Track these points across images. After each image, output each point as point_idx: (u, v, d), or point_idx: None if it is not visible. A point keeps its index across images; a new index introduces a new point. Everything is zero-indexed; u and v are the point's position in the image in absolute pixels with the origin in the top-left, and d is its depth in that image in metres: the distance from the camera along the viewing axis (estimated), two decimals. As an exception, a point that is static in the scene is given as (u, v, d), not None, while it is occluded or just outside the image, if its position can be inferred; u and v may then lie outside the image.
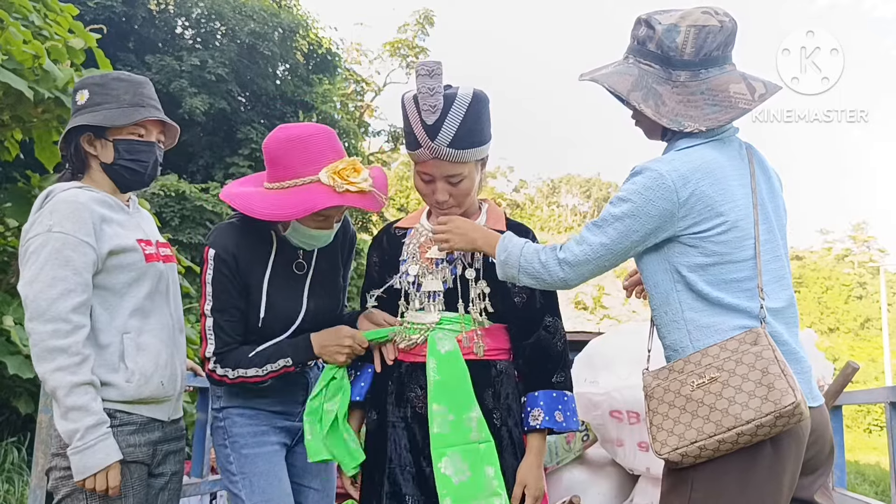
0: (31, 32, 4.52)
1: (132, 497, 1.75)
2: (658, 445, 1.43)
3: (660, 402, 1.47)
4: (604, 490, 2.88)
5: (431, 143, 1.68)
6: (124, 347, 1.76)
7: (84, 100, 1.83)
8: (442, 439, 1.67)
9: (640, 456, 2.69)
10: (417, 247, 1.85)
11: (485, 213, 1.89)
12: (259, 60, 13.61)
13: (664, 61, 1.54)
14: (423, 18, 20.28)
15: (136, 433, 1.77)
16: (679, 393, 1.44)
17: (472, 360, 1.74)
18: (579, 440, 2.90)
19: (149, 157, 1.87)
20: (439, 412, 1.69)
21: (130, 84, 1.86)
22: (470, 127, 1.69)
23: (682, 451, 1.40)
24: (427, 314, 1.79)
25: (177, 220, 11.55)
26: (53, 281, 1.67)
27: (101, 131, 1.82)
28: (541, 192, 53.12)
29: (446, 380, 1.70)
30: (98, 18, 11.25)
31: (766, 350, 1.40)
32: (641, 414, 2.64)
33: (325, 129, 1.83)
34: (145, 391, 1.78)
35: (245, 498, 1.88)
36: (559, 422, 1.73)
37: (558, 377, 1.77)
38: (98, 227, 1.74)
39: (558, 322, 1.82)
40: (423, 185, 1.77)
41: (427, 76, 1.66)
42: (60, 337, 1.65)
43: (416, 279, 1.81)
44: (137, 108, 1.83)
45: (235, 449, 1.92)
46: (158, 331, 1.84)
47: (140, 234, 1.87)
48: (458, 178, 1.73)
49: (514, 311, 1.79)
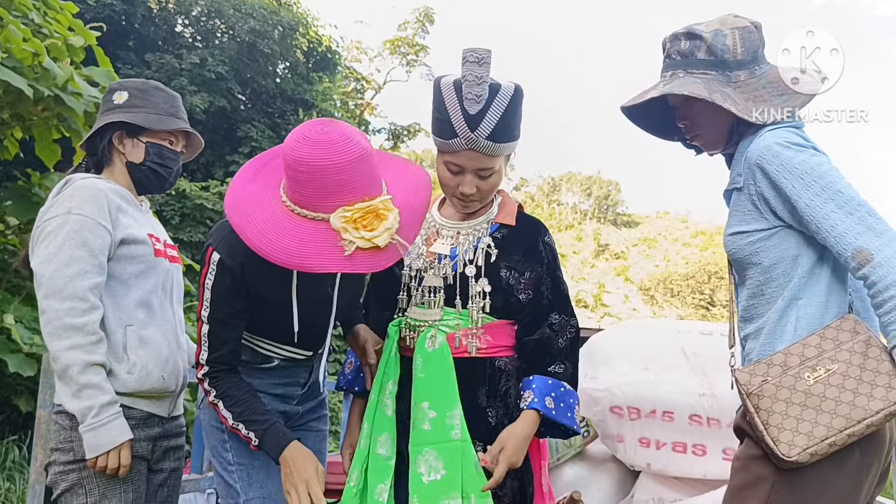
0: (31, 30, 4.52)
1: (132, 491, 1.76)
2: (785, 447, 1.35)
3: (773, 400, 1.38)
4: (604, 486, 2.88)
5: (471, 133, 1.64)
6: (127, 339, 1.77)
7: (123, 100, 1.90)
8: (420, 437, 1.66)
9: (641, 452, 2.69)
10: (424, 240, 1.81)
11: (497, 206, 1.85)
12: (259, 58, 13.60)
13: (720, 66, 1.55)
14: (423, 16, 20.24)
15: (136, 428, 1.78)
16: (795, 388, 1.37)
17: (463, 358, 1.72)
18: (580, 436, 2.90)
19: (174, 164, 1.95)
20: (422, 409, 1.67)
21: (168, 95, 1.97)
22: (509, 121, 1.67)
23: (812, 451, 1.33)
24: (429, 311, 1.75)
25: (177, 218, 11.57)
26: (71, 260, 1.70)
27: (135, 131, 1.89)
28: (541, 190, 53.08)
29: (430, 378, 1.68)
30: (98, 17, 11.23)
31: (871, 337, 1.37)
32: (642, 410, 2.65)
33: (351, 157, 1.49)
34: (146, 384, 1.79)
35: (241, 490, 1.73)
36: (549, 407, 1.65)
37: (556, 367, 1.71)
38: (114, 214, 1.79)
39: (567, 320, 1.77)
40: (450, 175, 1.72)
41: (476, 63, 1.62)
42: (76, 315, 1.67)
43: (419, 273, 1.78)
44: (173, 118, 1.93)
45: (233, 435, 1.74)
46: (162, 326, 1.86)
47: (151, 230, 1.92)
48: (489, 171, 1.71)
49: (521, 308, 1.76)
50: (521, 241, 1.80)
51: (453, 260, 1.77)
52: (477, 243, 1.78)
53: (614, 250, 43.95)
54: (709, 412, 2.59)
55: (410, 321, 1.77)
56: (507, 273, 1.76)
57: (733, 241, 1.54)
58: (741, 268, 1.55)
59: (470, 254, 1.76)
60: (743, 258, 1.53)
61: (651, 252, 43.42)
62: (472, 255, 1.76)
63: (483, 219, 1.82)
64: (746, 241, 1.51)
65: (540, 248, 1.80)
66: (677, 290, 35.30)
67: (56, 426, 1.77)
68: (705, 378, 2.64)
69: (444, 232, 1.81)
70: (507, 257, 1.77)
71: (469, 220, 1.83)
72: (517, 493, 1.74)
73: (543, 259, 1.80)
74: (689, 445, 2.65)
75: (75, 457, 1.72)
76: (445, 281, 1.75)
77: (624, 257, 43.05)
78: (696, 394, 2.61)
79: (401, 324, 1.78)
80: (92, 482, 1.72)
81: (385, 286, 1.85)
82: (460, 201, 1.76)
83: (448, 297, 1.75)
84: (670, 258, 41.00)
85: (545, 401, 1.67)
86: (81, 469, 1.72)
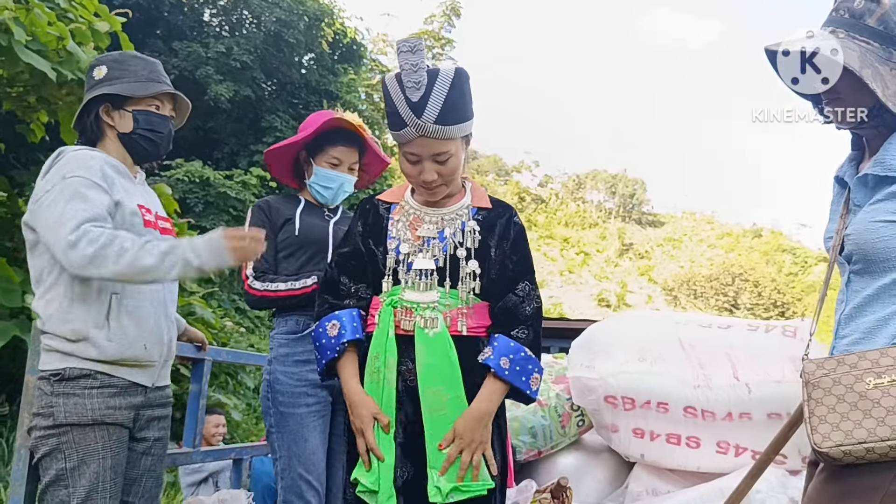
0: (56, 14, 4.61)
1: (110, 458, 1.79)
2: (819, 437, 1.33)
3: (826, 393, 1.36)
4: (599, 476, 2.88)
5: (417, 119, 1.68)
6: (111, 306, 1.81)
7: (102, 74, 1.94)
8: (441, 420, 1.69)
9: (635, 442, 2.69)
10: (407, 224, 1.84)
11: (469, 193, 1.89)
12: (284, 48, 13.70)
13: (886, 39, 1.42)
14: (449, 10, 20.22)
15: (118, 396, 1.81)
16: (852, 388, 1.34)
17: (457, 337, 1.75)
18: (574, 425, 2.90)
19: (164, 128, 1.99)
20: (436, 392, 1.71)
21: (146, 62, 2.00)
22: (454, 102, 1.70)
23: (845, 449, 1.31)
24: (425, 293, 1.78)
25: (201, 206, 11.71)
26: (74, 212, 1.73)
27: (120, 102, 1.93)
28: (566, 188, 52.74)
29: (437, 362, 1.72)
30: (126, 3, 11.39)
31: None
32: (637, 400, 2.65)
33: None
34: (127, 352, 1.82)
35: (276, 449, 2.21)
36: (502, 367, 1.69)
37: (520, 333, 1.74)
38: (109, 178, 1.83)
39: (533, 288, 1.82)
40: (410, 166, 1.77)
41: (409, 52, 1.67)
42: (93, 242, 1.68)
43: (407, 257, 1.81)
44: (154, 83, 1.96)
45: (275, 403, 2.23)
46: (148, 296, 1.89)
47: (142, 201, 1.94)
48: (446, 155, 1.74)
49: (492, 283, 1.80)
50: (499, 222, 1.86)
51: (442, 242, 1.81)
52: (463, 226, 1.82)
53: (638, 250, 43.57)
54: (703, 404, 2.59)
55: (405, 303, 1.79)
56: (495, 253, 1.82)
57: (882, 228, 1.42)
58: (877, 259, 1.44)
59: (459, 236, 1.81)
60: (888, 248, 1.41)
61: (676, 252, 42.99)
62: (462, 237, 1.81)
63: (461, 204, 1.87)
64: None
65: (510, 226, 1.86)
66: (701, 291, 34.94)
67: (38, 392, 1.80)
68: (701, 370, 2.63)
69: (427, 217, 1.85)
70: (492, 237, 1.83)
71: (449, 206, 1.86)
72: (501, 467, 1.79)
73: (510, 235, 1.85)
74: (683, 437, 2.64)
75: (55, 422, 1.75)
76: (436, 262, 1.78)
77: (648, 257, 42.67)
78: (692, 385, 2.61)
79: (395, 304, 1.79)
80: (71, 447, 1.75)
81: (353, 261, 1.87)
82: (426, 190, 1.79)
83: (439, 278, 1.78)
84: (695, 259, 40.56)
85: (501, 361, 1.70)
86: (61, 434, 1.75)
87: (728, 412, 2.58)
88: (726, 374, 2.62)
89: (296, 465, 2.20)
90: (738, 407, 2.57)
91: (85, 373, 1.78)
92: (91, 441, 1.76)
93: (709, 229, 46.78)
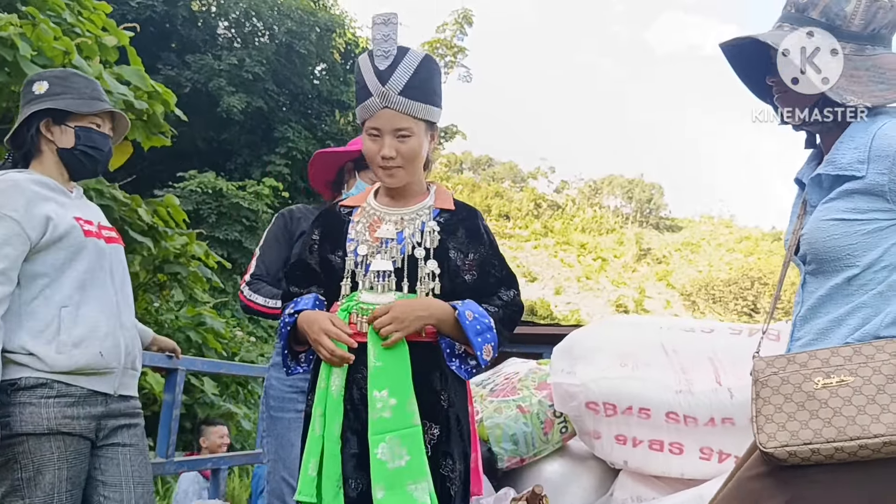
0: (63, 29, 4.70)
1: (66, 469, 1.79)
2: (764, 437, 1.33)
3: (774, 392, 1.35)
4: (584, 484, 2.86)
5: (382, 87, 1.71)
6: (62, 319, 1.82)
7: (44, 90, 1.96)
8: (382, 424, 1.67)
9: (618, 449, 2.68)
10: (367, 226, 1.84)
11: (433, 194, 1.89)
12: (296, 59, 13.83)
13: (828, 31, 1.46)
14: (461, 18, 20.28)
15: (75, 405, 1.82)
16: (800, 388, 1.33)
17: (417, 342, 1.73)
18: (557, 431, 2.89)
19: (104, 145, 2.02)
20: (380, 398, 1.68)
21: (88, 81, 2.04)
22: (422, 79, 1.73)
23: (790, 450, 1.30)
24: (382, 295, 1.76)
25: (213, 216, 11.84)
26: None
27: (62, 117, 1.95)
28: (582, 193, 52.55)
29: (387, 365, 1.70)
30: (139, 18, 11.60)
31: None
32: (619, 406, 2.64)
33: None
34: (81, 360, 1.83)
35: (266, 452, 2.35)
36: (465, 316, 1.70)
37: (491, 306, 1.78)
38: (32, 203, 1.83)
39: (514, 295, 1.83)
40: (371, 143, 1.77)
41: (383, 24, 1.72)
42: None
43: (365, 259, 1.80)
44: (97, 101, 2.00)
45: (267, 408, 2.34)
46: (98, 303, 1.90)
47: (78, 213, 1.95)
48: (406, 132, 1.74)
49: (465, 288, 1.79)
50: (463, 224, 1.85)
51: (400, 243, 1.80)
52: (422, 227, 1.82)
53: (656, 255, 43.27)
54: (686, 410, 2.57)
55: (362, 306, 1.77)
56: (455, 254, 1.81)
57: (834, 227, 1.41)
58: (828, 258, 1.43)
59: (417, 236, 1.80)
60: (839, 247, 1.40)
61: (694, 257, 42.62)
62: (420, 237, 1.80)
63: (422, 205, 1.86)
64: (855, 230, 1.39)
65: (482, 231, 1.87)
66: (719, 295, 34.60)
67: None
68: (683, 375, 2.61)
69: (386, 218, 1.85)
70: (453, 239, 1.82)
71: (410, 206, 1.86)
72: (462, 475, 1.78)
73: (486, 241, 1.85)
74: (665, 443, 2.62)
75: (10, 431, 1.75)
76: (394, 264, 1.78)
77: (666, 262, 42.36)
78: (674, 391, 2.59)
79: (350, 309, 1.78)
80: (26, 457, 1.75)
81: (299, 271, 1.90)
82: (384, 171, 1.78)
83: (397, 280, 1.77)
84: (713, 263, 40.17)
85: (466, 312, 1.72)
86: (16, 444, 1.75)
87: (710, 417, 2.56)
88: (709, 379, 2.60)
89: (280, 469, 2.26)
90: (720, 412, 2.55)
91: (41, 382, 1.78)
92: (47, 451, 1.76)
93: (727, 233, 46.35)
